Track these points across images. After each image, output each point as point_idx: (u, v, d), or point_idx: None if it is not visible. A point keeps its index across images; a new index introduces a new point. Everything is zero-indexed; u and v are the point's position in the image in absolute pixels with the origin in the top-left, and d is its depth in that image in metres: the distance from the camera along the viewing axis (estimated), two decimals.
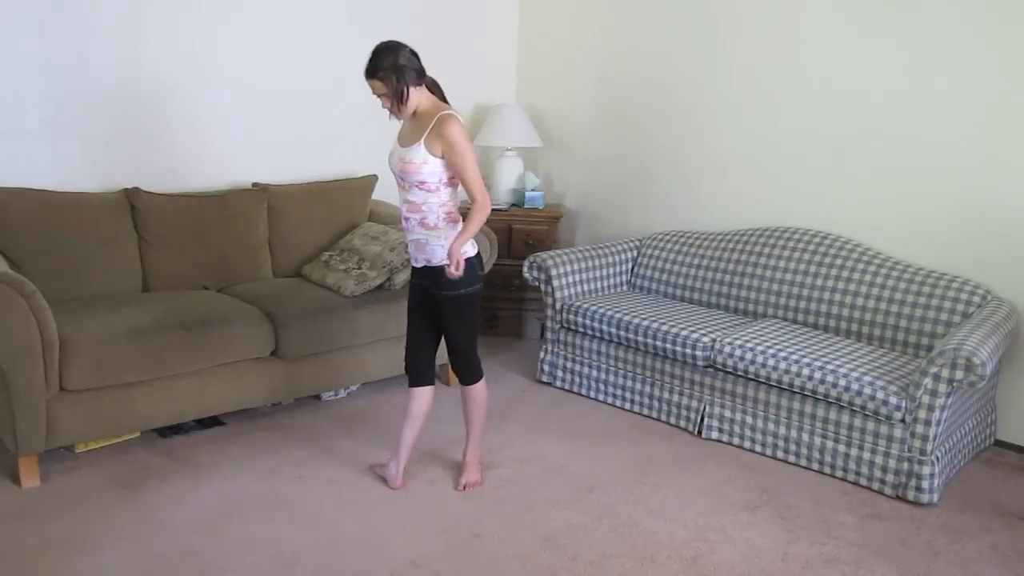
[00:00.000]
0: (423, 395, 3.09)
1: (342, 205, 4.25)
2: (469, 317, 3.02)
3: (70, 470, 3.13)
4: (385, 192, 4.45)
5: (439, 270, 2.90)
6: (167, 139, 3.94)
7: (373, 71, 2.79)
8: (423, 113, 2.85)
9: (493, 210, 4.50)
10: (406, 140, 2.89)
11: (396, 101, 2.80)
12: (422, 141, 2.81)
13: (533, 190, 4.91)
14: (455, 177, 2.88)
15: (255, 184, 4.13)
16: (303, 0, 4.26)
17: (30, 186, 3.44)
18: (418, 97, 2.85)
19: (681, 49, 4.49)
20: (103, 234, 3.55)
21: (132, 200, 3.66)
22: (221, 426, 3.57)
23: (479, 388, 3.09)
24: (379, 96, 2.83)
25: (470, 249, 2.95)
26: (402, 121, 2.96)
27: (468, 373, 3.07)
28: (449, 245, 2.85)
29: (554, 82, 5.13)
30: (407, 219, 2.93)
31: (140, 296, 3.57)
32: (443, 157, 2.82)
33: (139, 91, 3.81)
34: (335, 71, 4.43)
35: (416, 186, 2.85)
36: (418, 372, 3.09)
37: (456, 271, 2.83)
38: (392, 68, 2.77)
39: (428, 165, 2.81)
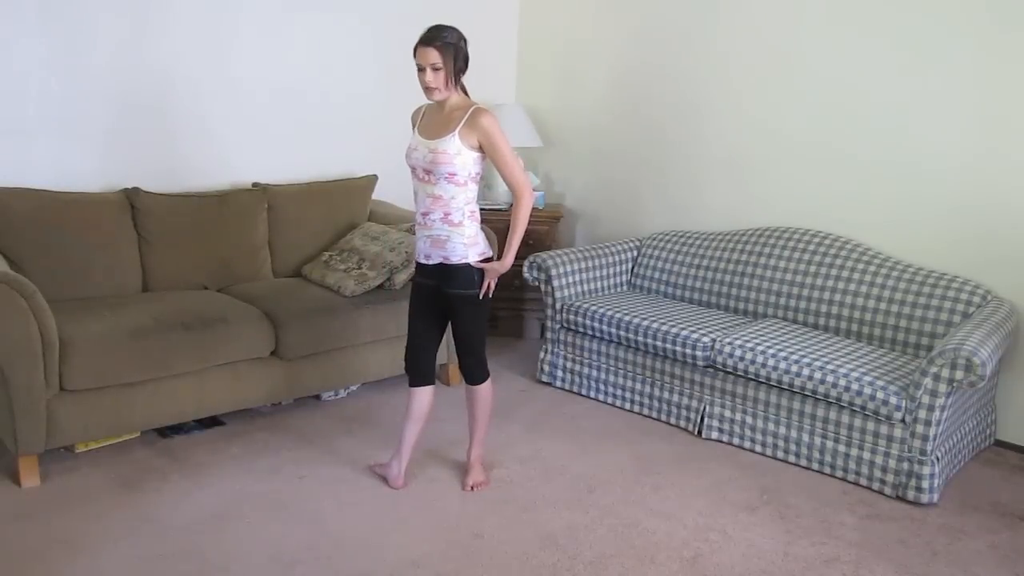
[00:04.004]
0: (424, 395, 3.09)
1: (342, 205, 4.25)
2: (483, 317, 3.02)
3: (70, 470, 3.13)
4: (385, 192, 4.46)
5: (457, 269, 2.89)
6: (167, 139, 3.94)
7: (432, 39, 2.72)
8: (454, 107, 2.84)
9: (493, 210, 4.55)
10: (433, 133, 2.85)
11: (449, 77, 2.75)
12: (456, 132, 2.79)
13: (533, 190, 4.90)
14: (480, 175, 2.89)
15: (255, 184, 4.13)
16: (302, 0, 4.27)
17: (30, 186, 3.44)
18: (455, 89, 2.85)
19: (681, 49, 4.49)
20: (103, 234, 3.55)
21: (132, 200, 3.66)
22: (221, 426, 3.57)
23: (486, 387, 3.09)
24: (428, 67, 2.73)
25: (487, 250, 2.95)
26: (419, 117, 2.96)
27: (477, 372, 3.07)
28: (479, 250, 2.90)
29: (554, 82, 5.13)
30: (427, 213, 2.88)
31: (140, 296, 3.57)
32: (479, 151, 2.82)
33: (139, 91, 3.81)
34: (335, 71, 4.43)
35: (445, 178, 2.82)
36: (421, 373, 3.09)
37: (490, 285, 2.93)
38: (454, 44, 2.74)
39: (461, 156, 2.80)
